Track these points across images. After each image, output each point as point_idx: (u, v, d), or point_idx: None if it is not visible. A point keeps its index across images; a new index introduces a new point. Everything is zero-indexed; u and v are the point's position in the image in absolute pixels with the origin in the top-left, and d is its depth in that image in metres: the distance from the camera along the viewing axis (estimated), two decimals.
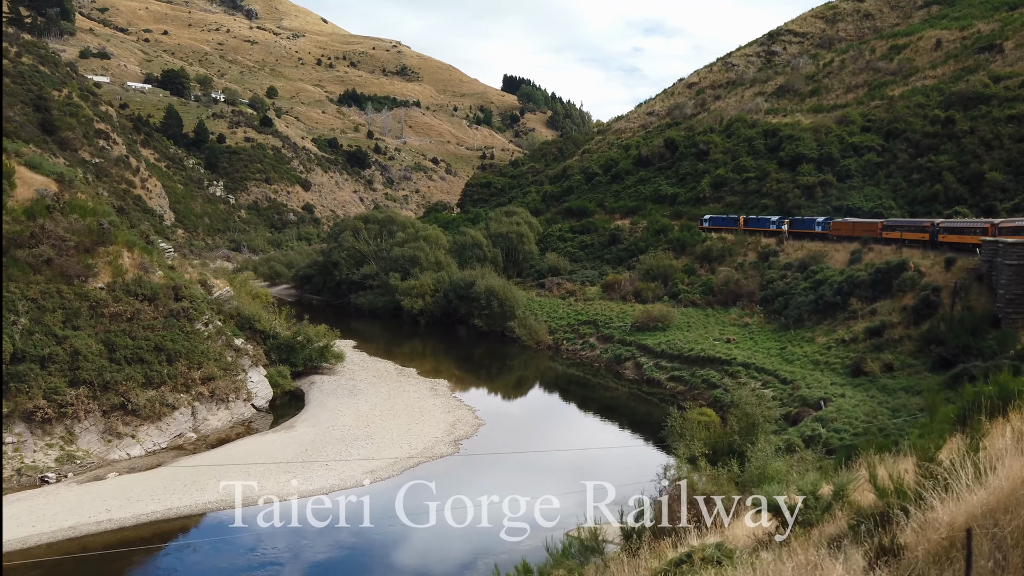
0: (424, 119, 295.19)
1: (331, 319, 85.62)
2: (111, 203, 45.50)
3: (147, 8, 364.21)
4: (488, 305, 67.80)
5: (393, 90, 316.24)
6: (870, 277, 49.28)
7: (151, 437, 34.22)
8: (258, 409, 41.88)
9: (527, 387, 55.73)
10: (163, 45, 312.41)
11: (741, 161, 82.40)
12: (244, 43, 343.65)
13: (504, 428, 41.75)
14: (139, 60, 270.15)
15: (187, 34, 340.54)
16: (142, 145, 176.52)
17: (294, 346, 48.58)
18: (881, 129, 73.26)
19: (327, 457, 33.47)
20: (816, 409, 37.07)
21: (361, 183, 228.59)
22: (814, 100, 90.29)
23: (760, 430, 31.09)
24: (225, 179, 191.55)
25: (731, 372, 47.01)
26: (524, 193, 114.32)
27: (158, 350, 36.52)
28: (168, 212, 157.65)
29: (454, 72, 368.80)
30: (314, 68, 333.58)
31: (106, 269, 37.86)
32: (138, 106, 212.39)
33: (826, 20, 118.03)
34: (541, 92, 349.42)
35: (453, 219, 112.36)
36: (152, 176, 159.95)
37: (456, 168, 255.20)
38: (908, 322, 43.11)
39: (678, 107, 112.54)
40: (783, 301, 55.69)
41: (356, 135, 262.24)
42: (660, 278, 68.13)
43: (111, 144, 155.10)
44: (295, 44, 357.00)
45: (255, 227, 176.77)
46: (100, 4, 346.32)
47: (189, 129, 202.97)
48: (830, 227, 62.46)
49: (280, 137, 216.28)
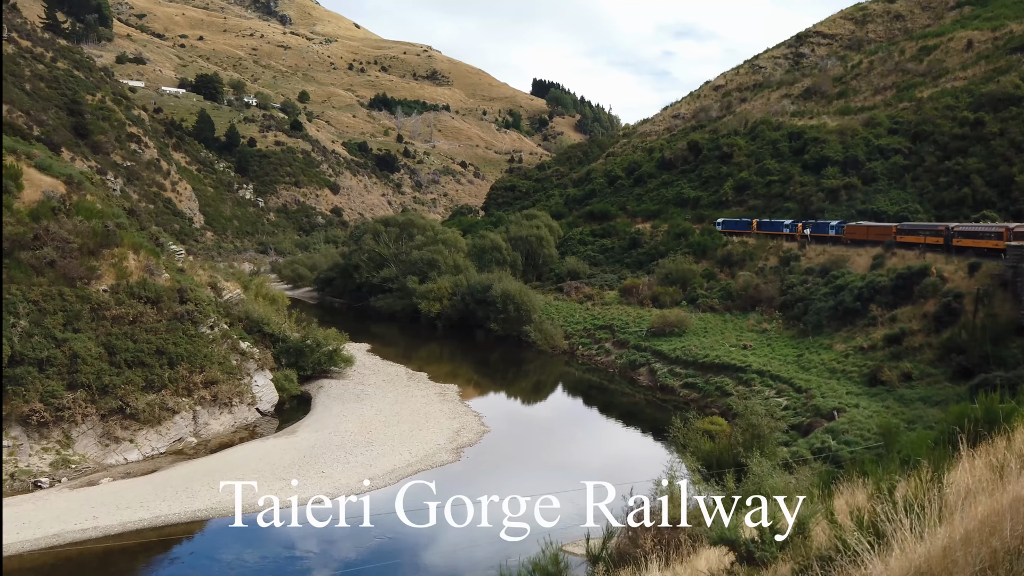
0: (453, 123, 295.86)
1: (351, 322, 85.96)
2: (122, 205, 45.59)
3: (183, 14, 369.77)
4: (504, 309, 67.14)
5: (423, 94, 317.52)
6: (891, 283, 47.77)
7: (150, 442, 34.07)
8: (263, 413, 41.65)
9: (539, 393, 54.94)
10: (198, 50, 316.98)
11: (765, 164, 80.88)
12: (277, 48, 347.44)
13: (510, 435, 41.03)
14: (174, 65, 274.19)
15: (222, 39, 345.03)
16: (174, 149, 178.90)
17: (303, 350, 48.32)
18: (908, 131, 71.39)
19: (324, 464, 33.02)
20: (829, 419, 35.84)
21: (390, 186, 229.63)
22: (841, 102, 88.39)
23: (765, 441, 30.14)
24: (255, 182, 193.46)
25: (745, 380, 45.80)
26: (548, 196, 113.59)
27: (160, 353, 36.42)
28: (198, 215, 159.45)
29: (484, 76, 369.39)
30: (346, 73, 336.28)
31: (110, 271, 37.89)
32: (172, 110, 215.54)
33: (855, 21, 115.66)
34: (570, 96, 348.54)
35: (476, 222, 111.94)
36: (183, 179, 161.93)
37: (484, 172, 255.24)
38: (929, 330, 41.63)
39: (704, 110, 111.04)
40: (802, 307, 54.30)
41: (386, 139, 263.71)
42: (679, 282, 67.00)
43: (143, 148, 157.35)
44: (327, 49, 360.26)
45: (283, 230, 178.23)
46: (138, 11, 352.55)
47: (221, 133, 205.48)
48: (844, 231, 61.32)
49: (310, 141, 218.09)
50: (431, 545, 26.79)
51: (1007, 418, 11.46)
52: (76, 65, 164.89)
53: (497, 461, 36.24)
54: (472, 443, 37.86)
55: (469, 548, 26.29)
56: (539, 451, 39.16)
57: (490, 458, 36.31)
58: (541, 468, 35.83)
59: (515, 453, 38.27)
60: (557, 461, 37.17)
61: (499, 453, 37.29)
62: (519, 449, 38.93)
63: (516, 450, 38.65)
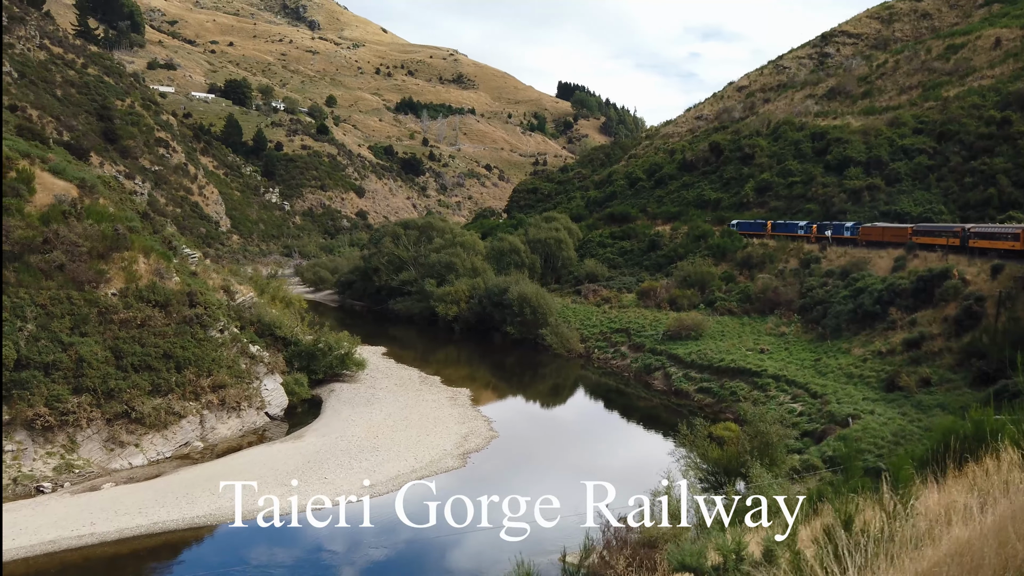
0: (478, 126, 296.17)
1: (370, 325, 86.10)
2: (136, 209, 45.87)
3: (214, 20, 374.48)
4: (520, 312, 66.69)
5: (449, 98, 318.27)
6: (912, 285, 46.60)
7: (155, 446, 34.13)
8: (272, 417, 41.63)
9: (552, 397, 54.42)
10: (228, 56, 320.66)
11: (787, 165, 79.64)
12: (306, 53, 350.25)
13: (518, 440, 40.57)
14: (204, 71, 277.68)
15: (252, 45, 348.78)
16: (201, 153, 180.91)
17: (315, 353, 48.27)
18: (934, 131, 69.82)
19: (328, 470, 32.83)
20: (844, 426, 34.95)
21: (415, 190, 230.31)
22: (866, 102, 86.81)
23: (774, 449, 29.34)
24: (281, 186, 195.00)
25: (760, 384, 44.97)
26: (569, 199, 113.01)
27: (167, 357, 36.51)
28: (224, 218, 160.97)
29: (509, 79, 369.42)
30: (373, 77, 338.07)
31: (119, 275, 38.09)
32: (201, 115, 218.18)
33: (882, 20, 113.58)
34: (595, 98, 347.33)
35: (497, 225, 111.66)
36: (209, 183, 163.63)
37: (509, 174, 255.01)
38: (949, 334, 40.49)
39: (727, 111, 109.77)
40: (821, 310, 53.21)
41: (411, 142, 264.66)
42: (697, 285, 66.11)
43: (171, 152, 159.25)
44: (355, 54, 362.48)
45: (309, 233, 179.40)
46: (170, 17, 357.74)
47: (248, 137, 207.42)
48: (859, 232, 60.38)
49: (336, 145, 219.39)
50: (430, 553, 26.46)
51: (995, 436, 10.77)
52: (106, 71, 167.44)
53: (503, 467, 35.80)
54: (479, 448, 37.50)
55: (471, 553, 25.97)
56: (547, 457, 38.67)
57: (496, 464, 35.89)
58: (546, 474, 35.36)
59: (522, 459, 37.82)
60: (564, 467, 36.65)
61: (506, 459, 36.85)
62: (527, 455, 38.47)
63: (524, 456, 38.19)
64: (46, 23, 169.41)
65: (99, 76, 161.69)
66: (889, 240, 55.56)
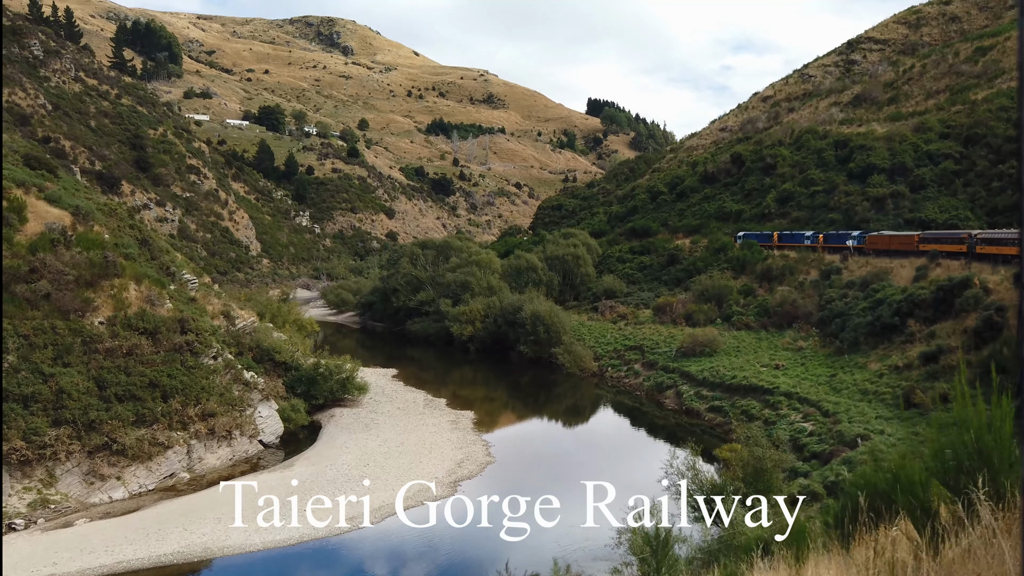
0: (508, 145, 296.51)
1: (389, 346, 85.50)
2: (135, 236, 45.76)
3: (251, 49, 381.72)
4: (534, 331, 65.44)
5: (479, 118, 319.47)
6: (932, 296, 44.33)
7: (138, 478, 33.46)
8: (267, 445, 40.86)
9: (558, 418, 52.95)
10: (264, 83, 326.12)
11: (809, 174, 77.38)
12: (339, 78, 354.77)
13: (515, 466, 39.19)
14: (240, 98, 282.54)
15: (287, 72, 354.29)
16: (233, 179, 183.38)
17: (315, 378, 47.50)
18: (960, 135, 67.18)
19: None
20: (851, 448, 33.00)
21: (445, 209, 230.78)
22: (892, 108, 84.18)
23: (769, 476, 27.59)
24: (312, 209, 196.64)
25: (772, 403, 43.04)
26: (592, 214, 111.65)
27: (153, 386, 35.93)
28: (254, 242, 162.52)
29: (539, 98, 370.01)
30: (404, 99, 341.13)
31: (108, 303, 37.76)
32: (235, 142, 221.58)
33: (909, 25, 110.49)
34: (624, 114, 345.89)
35: (520, 242, 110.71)
36: (240, 208, 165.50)
37: (539, 192, 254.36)
38: (969, 346, 38.21)
39: (751, 121, 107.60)
40: (840, 323, 51.03)
41: (442, 163, 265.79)
42: (714, 299, 64.20)
43: (202, 179, 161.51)
44: (387, 77, 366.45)
45: (338, 255, 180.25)
46: (208, 47, 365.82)
47: (280, 162, 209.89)
48: (865, 241, 59.22)
49: (366, 167, 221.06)
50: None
51: (909, 491, 9.18)
52: (140, 101, 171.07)
53: (493, 497, 34.46)
54: (472, 475, 36.22)
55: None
56: (541, 484, 37.14)
57: (486, 493, 34.56)
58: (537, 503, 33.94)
59: (515, 488, 36.39)
60: (557, 496, 35.18)
61: (497, 487, 35.46)
62: (521, 483, 37.00)
63: (517, 484, 36.72)
64: (82, 56, 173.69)
65: (132, 106, 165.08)
66: (896, 249, 54.45)
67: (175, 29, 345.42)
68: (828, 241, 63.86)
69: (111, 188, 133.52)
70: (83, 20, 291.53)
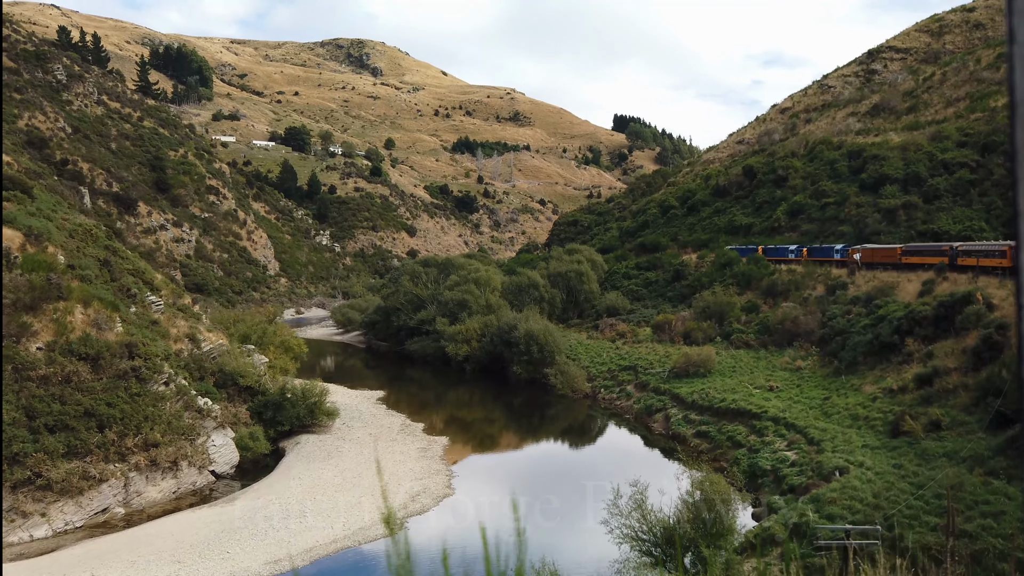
0: (533, 162, 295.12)
1: (391, 366, 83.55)
2: (95, 256, 44.39)
3: (282, 72, 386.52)
4: (527, 351, 62.96)
5: (505, 135, 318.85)
6: (933, 312, 41.10)
7: (65, 515, 31.45)
8: (220, 476, 38.77)
9: (539, 444, 50.42)
10: (293, 105, 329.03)
11: (821, 186, 74.14)
12: (368, 99, 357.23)
13: (473, 499, 36.58)
14: (269, 120, 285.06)
15: (316, 93, 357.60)
16: (254, 199, 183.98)
17: (282, 403, 45.42)
18: (978, 143, 63.64)
19: (238, 541, 29.31)
20: (828, 481, 30.02)
21: (468, 227, 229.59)
22: (910, 117, 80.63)
23: (722, 520, 24.67)
24: (333, 228, 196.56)
25: (759, 428, 40.09)
26: (606, 230, 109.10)
27: (88, 415, 33.98)
28: (272, 262, 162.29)
29: (565, 115, 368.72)
30: (431, 119, 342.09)
31: (49, 327, 36.18)
32: (260, 162, 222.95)
33: (931, 33, 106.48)
34: (650, 129, 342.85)
35: (531, 259, 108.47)
36: (259, 228, 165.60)
37: (563, 208, 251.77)
38: (967, 368, 34.99)
39: (767, 133, 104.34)
40: (840, 341, 47.85)
41: (467, 180, 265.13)
42: (716, 316, 61.23)
43: (221, 199, 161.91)
44: (414, 97, 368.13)
45: (358, 274, 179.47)
46: (240, 71, 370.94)
47: (303, 182, 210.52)
48: (848, 254, 58.32)
49: (388, 185, 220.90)
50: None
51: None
52: (162, 123, 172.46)
53: (439, 535, 32.01)
54: (423, 511, 33.68)
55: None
56: (495, 522, 34.50)
57: (434, 531, 32.14)
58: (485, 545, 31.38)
59: (464, 525, 33.88)
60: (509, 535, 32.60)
61: (446, 526, 32.97)
62: (473, 520, 34.41)
63: (468, 522, 34.12)
64: (106, 80, 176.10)
65: (154, 128, 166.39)
66: (880, 262, 53.14)
67: (208, 53, 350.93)
68: (812, 255, 62.66)
69: (128, 209, 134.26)
70: (118, 46, 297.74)
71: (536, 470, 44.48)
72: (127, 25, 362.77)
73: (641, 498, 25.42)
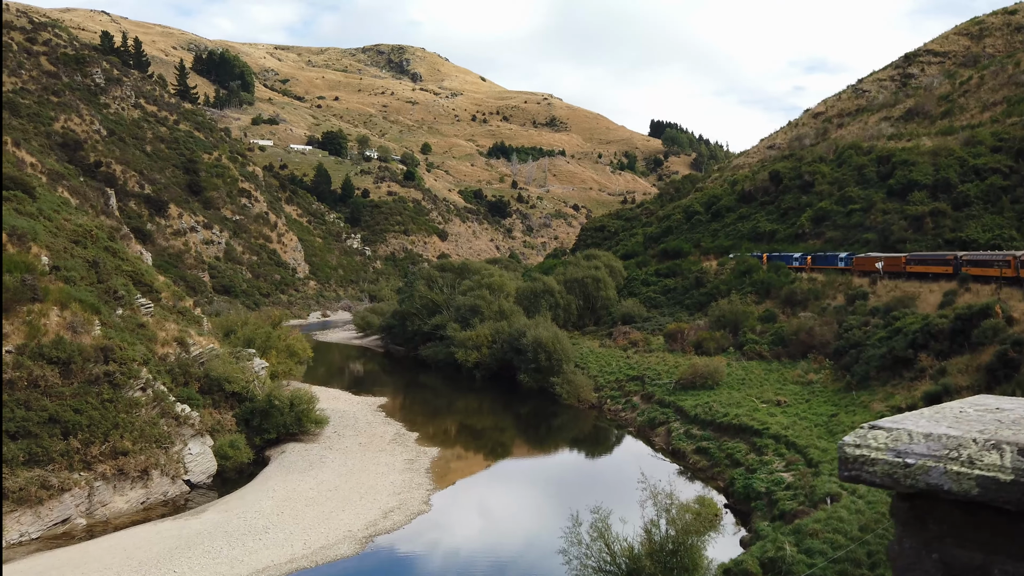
0: (568, 167, 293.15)
1: (405, 371, 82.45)
2: (84, 258, 43.88)
3: (323, 77, 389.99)
4: (535, 359, 61.22)
5: (541, 141, 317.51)
6: (950, 326, 38.47)
7: (21, 526, 30.37)
8: (195, 486, 37.62)
9: (534, 458, 48.71)
10: (333, 110, 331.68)
11: (847, 192, 71.18)
12: (406, 104, 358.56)
13: (449, 518, 34.95)
14: (308, 124, 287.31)
15: (356, 99, 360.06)
16: (287, 202, 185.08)
17: (268, 410, 44.25)
18: (1012, 148, 60.35)
19: (190, 559, 27.96)
20: (815, 508, 27.85)
21: (500, 231, 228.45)
22: (945, 122, 77.23)
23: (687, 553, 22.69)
24: (366, 231, 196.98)
25: (759, 446, 37.86)
26: (631, 236, 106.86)
27: (53, 422, 32.95)
28: (302, 264, 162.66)
29: (601, 120, 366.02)
30: (468, 124, 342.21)
31: (21, 330, 35.49)
32: (296, 166, 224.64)
33: (971, 37, 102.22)
34: (686, 135, 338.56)
35: (553, 264, 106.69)
36: (290, 231, 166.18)
37: (596, 213, 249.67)
38: (980, 386, 32.44)
39: (798, 139, 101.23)
40: (855, 354, 45.25)
41: (501, 185, 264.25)
42: (730, 326, 58.87)
43: (252, 202, 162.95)
44: (453, 102, 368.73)
45: (387, 277, 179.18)
46: (282, 76, 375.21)
47: (337, 186, 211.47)
48: (853, 262, 56.56)
49: (421, 189, 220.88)
50: None
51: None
52: (197, 127, 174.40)
53: (406, 556, 30.54)
54: (394, 528, 31.97)
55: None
56: (464, 543, 32.81)
57: (401, 551, 30.63)
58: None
59: (433, 542, 32.35)
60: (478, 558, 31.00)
61: (415, 545, 31.44)
62: (444, 539, 32.83)
63: (437, 541, 32.58)
64: (144, 84, 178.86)
65: (189, 131, 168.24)
66: (885, 270, 51.73)
67: (251, 59, 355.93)
68: (816, 263, 61.31)
69: (158, 211, 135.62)
70: (164, 52, 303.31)
71: (525, 488, 42.70)
72: (174, 31, 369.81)
73: (603, 526, 23.61)
